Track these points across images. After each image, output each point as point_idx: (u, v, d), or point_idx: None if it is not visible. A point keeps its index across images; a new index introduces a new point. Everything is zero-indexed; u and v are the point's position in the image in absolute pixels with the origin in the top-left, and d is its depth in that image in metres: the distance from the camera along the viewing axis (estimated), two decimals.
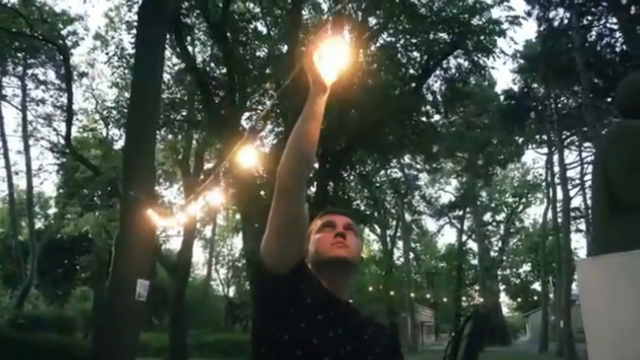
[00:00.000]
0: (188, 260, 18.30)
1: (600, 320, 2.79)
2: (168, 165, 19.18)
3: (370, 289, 25.75)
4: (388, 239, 33.43)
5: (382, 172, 28.08)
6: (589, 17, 18.81)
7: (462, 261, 36.36)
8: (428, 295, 38.65)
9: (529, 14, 18.17)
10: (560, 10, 18.30)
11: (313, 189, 16.70)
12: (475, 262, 35.73)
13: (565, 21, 18.53)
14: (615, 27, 17.85)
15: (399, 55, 15.94)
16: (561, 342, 19.85)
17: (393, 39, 15.99)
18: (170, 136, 16.36)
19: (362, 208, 25.16)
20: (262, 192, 14.23)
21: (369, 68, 16.23)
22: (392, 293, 26.89)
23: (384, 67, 16.21)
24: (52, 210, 25.79)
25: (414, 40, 15.61)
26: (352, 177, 19.97)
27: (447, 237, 72.26)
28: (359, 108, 15.74)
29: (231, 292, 34.10)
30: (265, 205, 13.97)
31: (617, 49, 19.21)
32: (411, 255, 34.61)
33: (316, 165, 16.88)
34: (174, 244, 28.43)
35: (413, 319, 28.23)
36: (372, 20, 15.56)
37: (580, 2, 17.35)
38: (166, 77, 13.53)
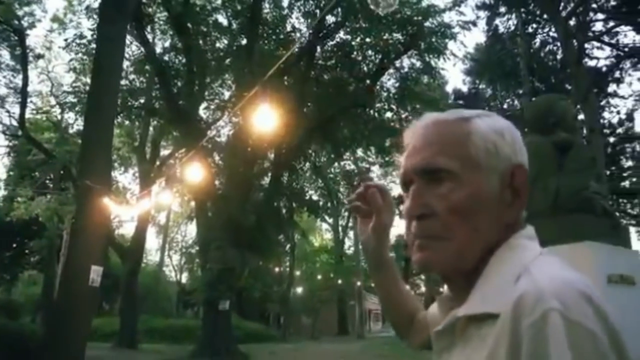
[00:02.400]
0: (141, 246, 18.38)
1: None
2: (124, 150, 19.08)
3: (320, 277, 26.48)
4: (340, 228, 34.29)
5: (336, 164, 28.80)
6: (534, 26, 19.95)
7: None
8: None
9: (474, 23, 19.08)
10: (506, 18, 19.33)
11: (267, 179, 17.14)
12: None
13: (512, 28, 19.59)
14: (557, 35, 19.07)
15: (355, 53, 16.48)
16: None
17: (349, 37, 16.51)
18: (127, 122, 16.34)
19: (316, 198, 25.79)
20: (216, 182, 14.55)
21: (325, 64, 16.73)
22: (340, 282, 27.73)
23: (340, 64, 16.73)
24: (1, 193, 25.02)
25: (368, 40, 16.17)
26: (306, 169, 20.51)
27: (398, 228, 73.86)
28: (315, 102, 16.26)
29: (184, 278, 34.12)
30: (219, 196, 14.33)
31: (558, 57, 20.48)
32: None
33: (271, 157, 17.32)
34: (127, 229, 28.19)
35: (361, 307, 29.26)
36: (330, 18, 16.03)
37: (525, 11, 18.39)
38: (125, 64, 13.56)
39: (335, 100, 15.63)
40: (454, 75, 77.11)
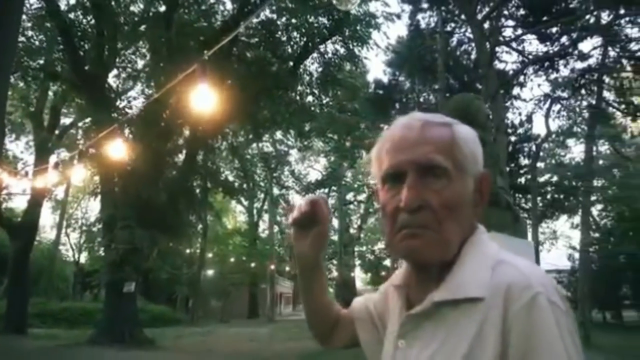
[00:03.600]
0: (34, 222, 16.82)
1: None
2: (17, 116, 17.28)
3: (233, 260, 26.04)
4: (255, 211, 33.93)
5: (254, 145, 28.36)
6: (452, 24, 20.73)
7: None
8: (288, 268, 40.10)
9: (398, 16, 19.50)
10: (428, 14, 19.90)
11: (181, 157, 16.39)
12: (335, 238, 37.85)
13: (433, 25, 20.21)
14: (472, 37, 19.97)
15: (280, 34, 16.14)
16: None
17: (275, 16, 16.12)
18: (22, 85, 14.74)
19: (231, 179, 25.22)
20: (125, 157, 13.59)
21: (249, 41, 16.22)
22: (253, 265, 27.48)
23: (264, 42, 16.31)
24: None
25: (294, 21, 15.90)
26: (223, 148, 19.89)
27: None
28: (236, 80, 15.71)
29: (82, 258, 31.99)
30: (128, 171, 13.43)
31: (472, 57, 21.48)
32: (276, 228, 35.55)
33: (187, 133, 16.57)
34: (18, 204, 25.80)
35: (273, 290, 29.26)
36: None
37: (446, 10, 19.02)
38: (23, 17, 12.13)
39: (257, 80, 15.22)
40: (376, 65, 78.83)
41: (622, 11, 14.81)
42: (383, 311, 0.96)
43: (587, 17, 16.30)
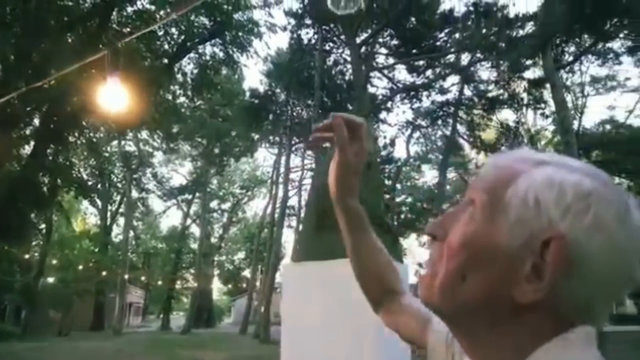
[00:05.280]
0: None
1: (296, 313, 3.35)
2: None
3: (81, 267, 23.53)
4: (109, 214, 31.26)
5: (115, 142, 26.19)
6: (331, 44, 21.46)
7: (183, 244, 36.71)
8: (143, 278, 37.58)
9: (285, 28, 19.66)
10: (310, 31, 20.36)
11: (28, 149, 14.42)
12: (195, 246, 36.47)
13: (313, 41, 20.71)
14: (349, 58, 20.89)
15: (157, 27, 15.17)
16: (259, 325, 21.99)
17: (153, 8, 15.13)
18: None
19: (85, 177, 22.93)
20: None
21: (120, 30, 14.97)
22: (104, 273, 25.15)
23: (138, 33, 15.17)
24: None
25: (174, 16, 15.09)
26: (79, 143, 18.01)
27: (172, 218, 71.67)
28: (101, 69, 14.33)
29: None
30: None
31: (346, 78, 22.44)
32: (131, 233, 33.13)
33: (36, 122, 14.65)
34: None
35: (122, 300, 27.04)
36: None
37: (327, 29, 19.62)
38: None
39: (126, 73, 14.05)
40: (253, 73, 78.00)
41: (479, 55, 16.65)
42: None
43: (450, 56, 18.04)
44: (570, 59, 16.90)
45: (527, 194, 0.54)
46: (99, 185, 27.64)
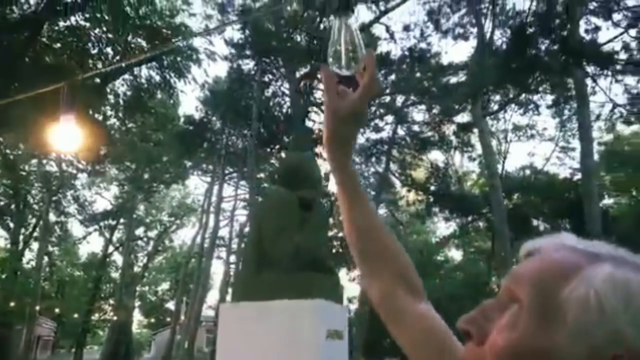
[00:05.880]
0: None
1: (233, 356, 3.18)
2: None
3: None
4: (21, 237, 28.94)
5: (34, 161, 24.55)
6: (270, 76, 21.63)
7: (103, 273, 34.57)
8: (56, 309, 34.82)
9: (227, 57, 19.64)
10: (249, 61, 20.43)
11: None
12: (116, 275, 34.48)
13: (253, 72, 20.78)
14: (287, 92, 21.10)
15: (90, 45, 14.63)
16: None
17: (88, 25, 14.58)
18: None
19: None
20: None
21: (50, 45, 14.26)
22: (12, 303, 23.04)
23: (69, 50, 14.52)
24: None
25: (110, 36, 14.63)
26: None
27: (93, 245, 67.58)
28: (27, 84, 13.49)
29: None
30: None
31: (284, 111, 22.60)
32: (45, 259, 30.78)
33: None
34: None
35: (30, 333, 24.81)
36: None
37: (267, 61, 19.78)
38: None
39: (53, 91, 13.32)
40: (190, 100, 75.88)
41: (413, 98, 17.41)
42: None
43: (386, 97, 18.71)
44: (496, 107, 18.08)
45: (588, 297, 0.46)
46: (12, 206, 25.64)
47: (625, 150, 19.90)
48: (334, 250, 27.26)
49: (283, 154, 21.41)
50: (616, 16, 14.80)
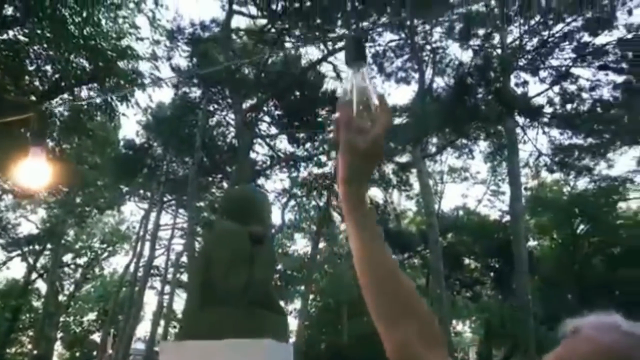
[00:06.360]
0: None
1: None
2: None
3: None
4: None
5: None
6: (216, 105, 21.56)
7: (24, 302, 32.18)
8: None
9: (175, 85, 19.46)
10: (196, 89, 20.33)
11: None
12: (38, 304, 32.20)
13: (198, 100, 20.64)
14: (232, 122, 21.06)
15: (28, 62, 14.09)
16: None
17: (27, 39, 14.06)
18: None
19: None
20: None
21: None
22: None
23: (3, 64, 13.89)
24: None
25: (51, 53, 14.16)
26: None
27: (14, 271, 62.80)
28: None
29: None
30: None
31: (228, 140, 22.51)
32: None
33: None
34: None
35: None
36: (8, 10, 13.38)
37: (213, 90, 19.73)
38: None
39: None
40: (131, 124, 73.04)
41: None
42: None
43: (329, 132, 19.08)
44: (434, 150, 18.91)
45: None
46: None
47: (548, 196, 21.36)
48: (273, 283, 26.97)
49: (225, 184, 21.23)
50: (542, 73, 16.14)
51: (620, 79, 16.03)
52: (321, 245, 27.68)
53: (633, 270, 19.63)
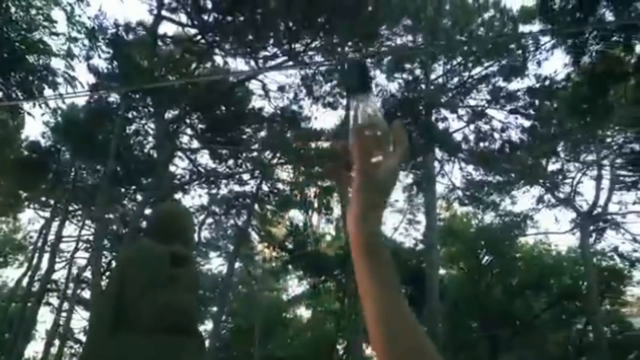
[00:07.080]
0: None
1: None
2: None
3: None
4: None
5: None
6: (135, 113, 20.51)
7: None
8: None
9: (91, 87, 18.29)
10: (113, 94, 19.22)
11: None
12: None
13: (115, 106, 19.52)
14: (151, 132, 20.12)
15: None
16: None
17: None
18: None
19: None
20: None
21: None
22: None
23: None
24: None
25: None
26: None
27: None
28: None
29: None
30: None
31: (145, 151, 21.45)
32: None
33: None
34: None
35: None
36: None
37: (133, 97, 18.76)
38: None
39: None
40: (37, 124, 67.03)
41: (279, 156, 17.75)
42: None
43: (253, 152, 18.87)
44: None
45: None
46: None
47: (458, 228, 22.56)
48: None
49: (139, 196, 20.08)
50: (460, 111, 17.10)
51: (527, 123, 17.42)
52: (237, 265, 27.03)
53: (527, 300, 21.28)
